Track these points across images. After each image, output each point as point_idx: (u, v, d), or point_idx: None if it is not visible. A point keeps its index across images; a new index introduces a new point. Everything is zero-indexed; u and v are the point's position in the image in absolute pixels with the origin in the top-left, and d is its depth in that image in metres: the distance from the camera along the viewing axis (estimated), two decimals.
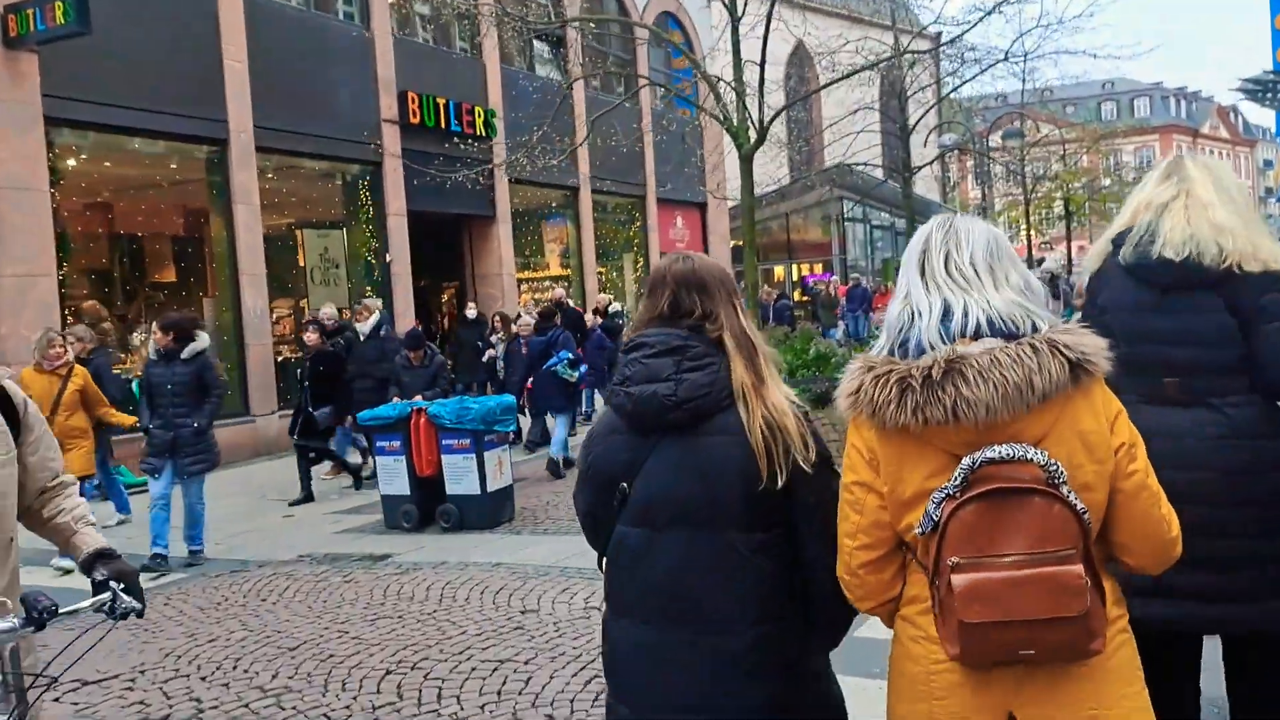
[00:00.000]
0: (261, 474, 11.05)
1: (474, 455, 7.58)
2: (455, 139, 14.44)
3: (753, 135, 9.75)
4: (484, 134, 15.86)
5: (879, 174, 18.53)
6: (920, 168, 17.00)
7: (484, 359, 12.42)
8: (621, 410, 1.98)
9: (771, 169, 16.82)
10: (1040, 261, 25.21)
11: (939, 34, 17.52)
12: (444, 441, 7.67)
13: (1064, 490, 1.64)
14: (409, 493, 7.76)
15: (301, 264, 13.55)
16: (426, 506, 7.75)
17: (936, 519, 1.66)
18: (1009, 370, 1.65)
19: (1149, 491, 1.73)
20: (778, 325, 15.81)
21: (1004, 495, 1.64)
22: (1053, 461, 1.65)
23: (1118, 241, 2.50)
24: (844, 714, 2.04)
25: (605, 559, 2.04)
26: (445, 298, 18.56)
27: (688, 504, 1.90)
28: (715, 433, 1.89)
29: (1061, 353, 1.67)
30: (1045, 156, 29.79)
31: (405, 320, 14.28)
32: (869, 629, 2.28)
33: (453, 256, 17.12)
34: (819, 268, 32.61)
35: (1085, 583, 1.62)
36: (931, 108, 17.07)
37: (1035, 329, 1.72)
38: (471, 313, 13.76)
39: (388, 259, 14.39)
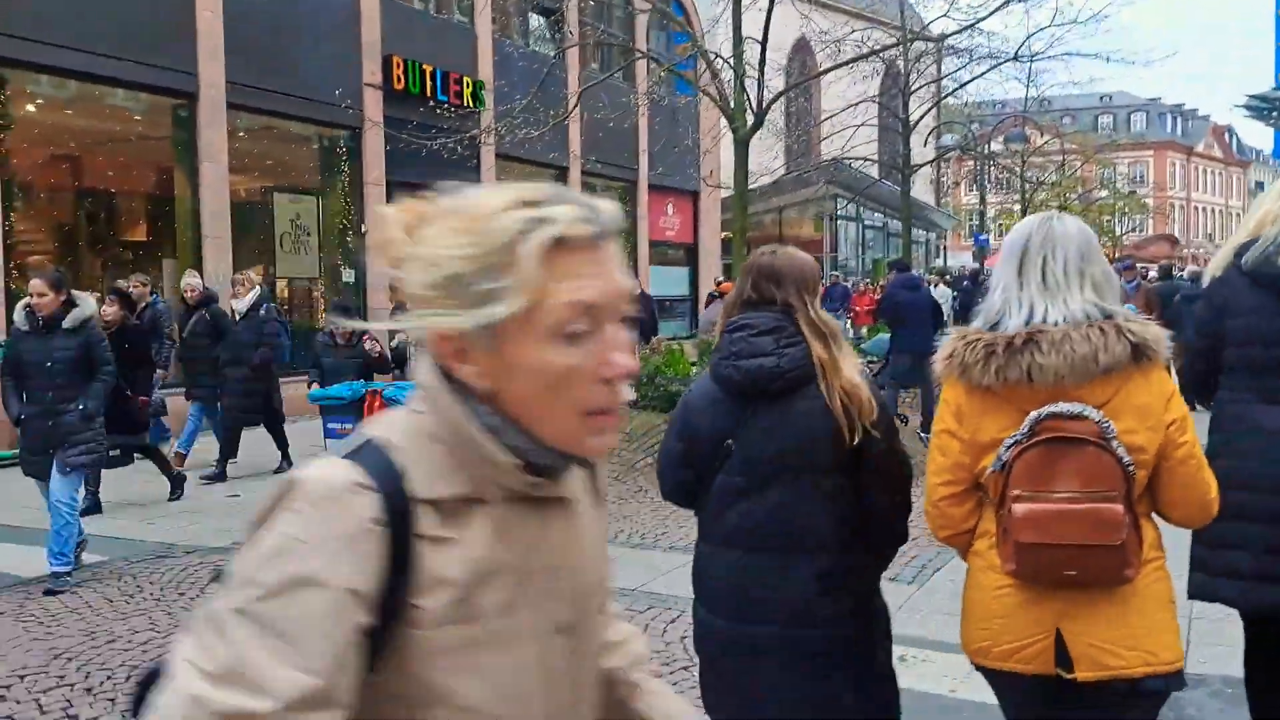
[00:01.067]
0: (216, 449, 10.45)
1: None
2: (441, 109, 13.83)
3: (750, 119, 9.21)
4: (472, 106, 15.25)
5: (875, 172, 17.99)
6: (920, 166, 16.49)
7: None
8: (728, 380, 2.35)
9: (766, 160, 16.30)
10: None
11: (942, 33, 17.13)
12: None
13: (1113, 444, 1.98)
14: None
15: (271, 230, 12.91)
16: None
17: (1005, 459, 2.03)
18: (1078, 345, 2.01)
19: (1195, 460, 2.06)
20: None
21: (1062, 443, 1.99)
22: (1106, 420, 1.99)
23: (1240, 251, 2.71)
24: (889, 623, 2.45)
25: (705, 502, 2.43)
26: None
27: (783, 457, 2.30)
28: (805, 399, 2.27)
29: (1125, 336, 2.01)
30: (1043, 165, 29.43)
31: (376, 296, 13.70)
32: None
33: None
34: None
35: (1124, 520, 1.96)
36: (933, 105, 16.56)
37: (1108, 317, 2.07)
38: None
39: (364, 230, 13.77)
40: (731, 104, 9.07)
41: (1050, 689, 2.11)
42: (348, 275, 13.67)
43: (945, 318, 19.64)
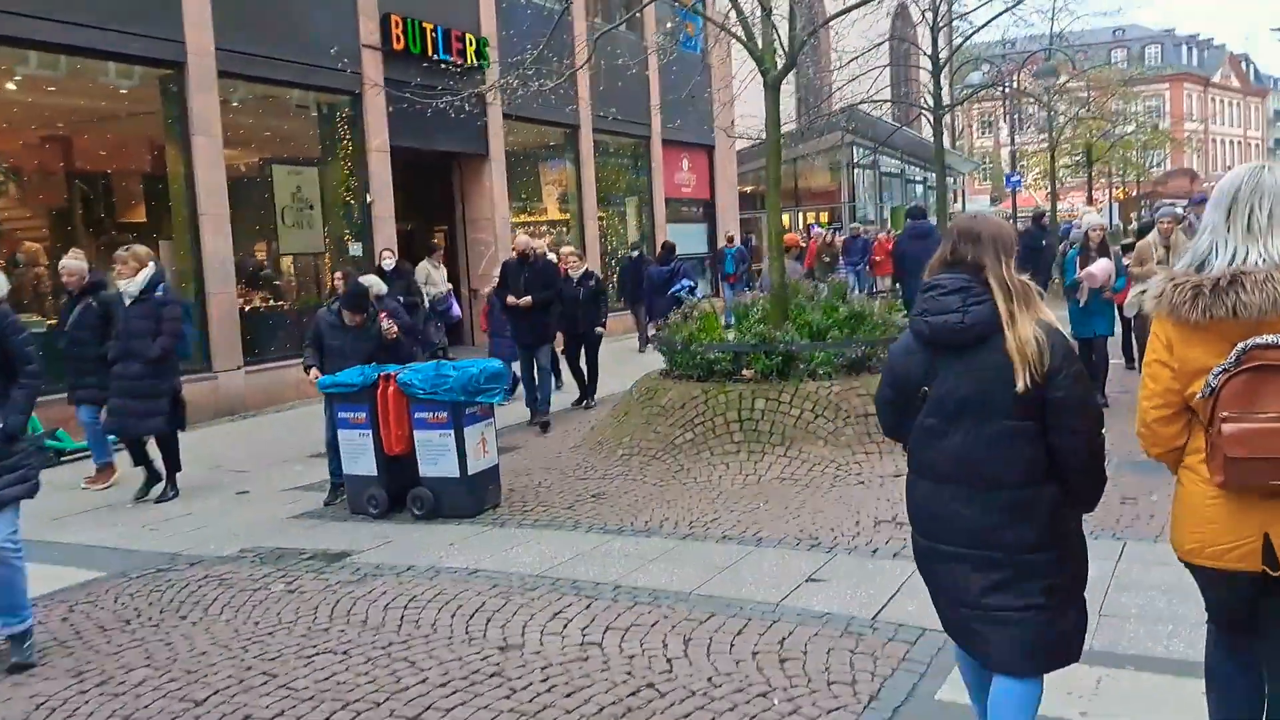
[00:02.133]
0: (220, 440, 9.90)
1: (452, 431, 6.41)
2: (444, 69, 13.05)
3: (780, 60, 8.44)
4: (476, 64, 14.46)
5: (889, 116, 17.07)
6: (952, 106, 15.61)
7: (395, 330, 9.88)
8: (920, 334, 2.73)
9: (783, 108, 15.48)
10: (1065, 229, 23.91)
11: None
12: (417, 415, 6.49)
13: None
14: (376, 474, 6.59)
15: (272, 204, 12.23)
16: (396, 490, 6.60)
17: (1214, 385, 2.29)
18: (1279, 285, 2.25)
19: None
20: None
21: (1267, 370, 2.24)
22: None
23: None
24: (1086, 558, 2.78)
25: (909, 439, 2.81)
26: (436, 241, 17.23)
27: (969, 400, 2.64)
28: (989, 350, 2.62)
29: None
30: (1067, 103, 28.33)
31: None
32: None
33: (441, 198, 15.79)
34: (825, 216, 31.26)
35: None
36: (963, 42, 15.61)
37: None
38: (389, 262, 11.74)
39: (368, 199, 13.08)
40: (760, 43, 8.29)
41: (1257, 582, 2.40)
42: (355, 248, 13.00)
43: None
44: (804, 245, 18.28)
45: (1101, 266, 8.53)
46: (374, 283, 7.46)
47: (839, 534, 5.66)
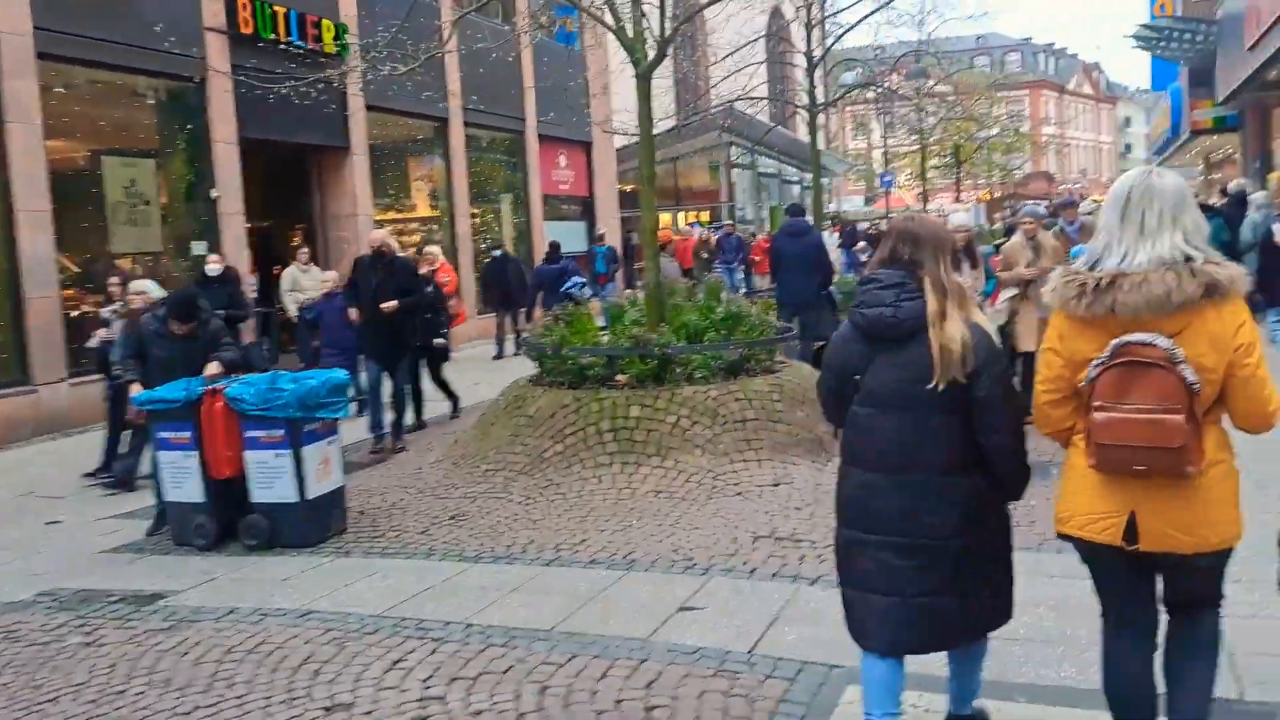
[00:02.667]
0: (41, 460, 8.90)
1: (289, 451, 5.74)
2: (299, 56, 12.19)
3: (651, 50, 8.02)
4: (334, 52, 13.59)
5: (766, 115, 16.96)
6: (826, 105, 15.55)
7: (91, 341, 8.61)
8: (858, 326, 2.88)
9: (662, 103, 15.14)
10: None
11: None
12: (248, 433, 5.80)
13: (1180, 368, 2.38)
14: (202, 500, 5.87)
15: (102, 199, 11.15)
16: (227, 518, 5.89)
17: (1092, 376, 2.48)
18: (1155, 286, 2.41)
19: (1257, 378, 2.43)
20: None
21: (1136, 365, 2.42)
22: (1175, 347, 2.40)
23: None
24: (1011, 543, 2.99)
25: (842, 427, 2.97)
26: (296, 242, 16.22)
27: (899, 391, 2.79)
28: (919, 345, 2.75)
29: (1196, 276, 2.40)
30: (937, 106, 28.97)
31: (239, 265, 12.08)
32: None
33: (299, 194, 14.84)
34: (706, 215, 31.24)
35: (1185, 428, 2.37)
36: (835, 42, 15.57)
37: (1190, 259, 2.44)
38: (213, 268, 9.75)
39: (213, 195, 12.10)
40: (630, 32, 7.86)
41: (1125, 562, 2.59)
42: (198, 247, 12.00)
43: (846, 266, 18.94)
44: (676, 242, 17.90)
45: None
46: (146, 288, 6.82)
47: (715, 553, 5.25)
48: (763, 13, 15.22)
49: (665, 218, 32.66)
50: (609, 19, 8.01)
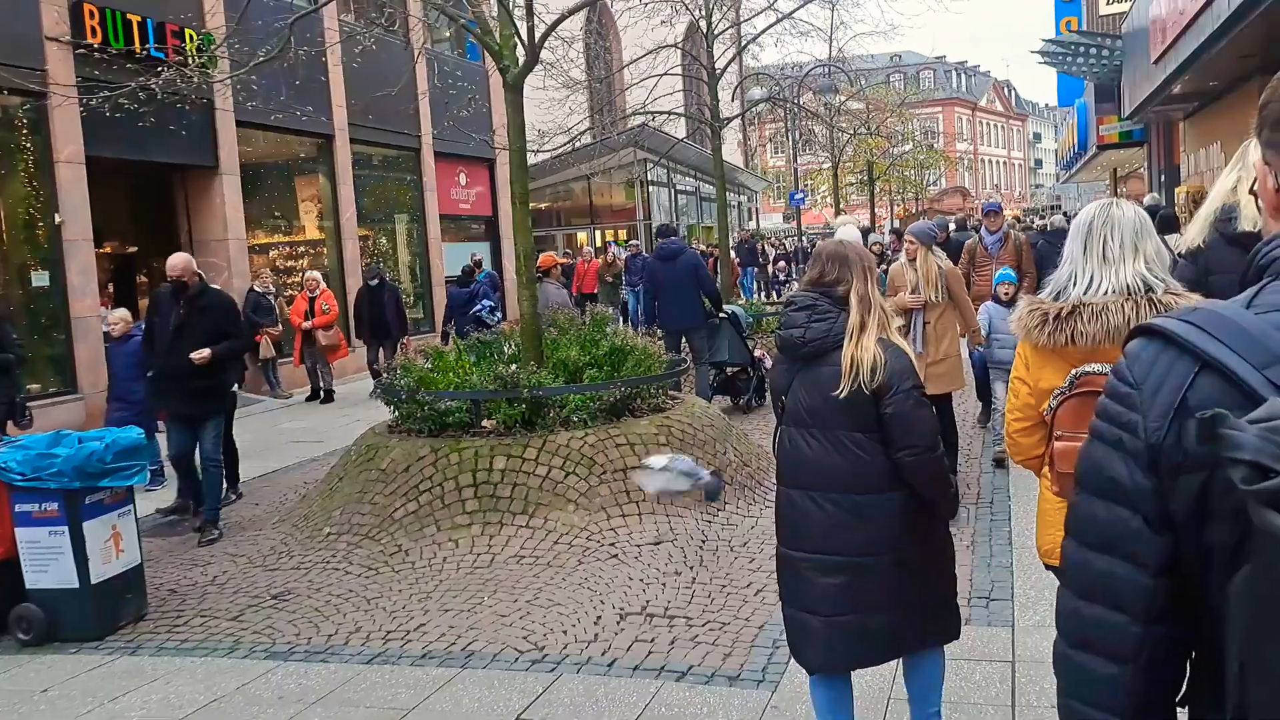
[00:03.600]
0: None
1: (66, 528, 4.79)
2: (159, 69, 11.13)
3: (521, 56, 7.24)
4: (199, 65, 12.55)
5: (682, 128, 16.37)
6: (730, 120, 14.97)
7: None
8: (779, 346, 3.05)
9: (562, 117, 14.40)
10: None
11: None
12: (19, 507, 4.83)
13: None
14: None
15: None
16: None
17: (1054, 406, 2.48)
18: (1113, 316, 2.47)
19: None
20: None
21: (1094, 395, 2.25)
22: None
23: (1221, 217, 3.26)
24: (952, 560, 3.06)
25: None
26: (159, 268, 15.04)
27: (814, 410, 2.89)
28: (829, 364, 2.85)
29: (1155, 306, 2.45)
30: (850, 123, 28.80)
31: (80, 304, 10.95)
32: None
33: (164, 218, 13.69)
34: (623, 234, 30.60)
35: None
36: (737, 53, 15.01)
37: (1150, 289, 2.50)
38: None
39: (57, 220, 10.95)
40: (498, 37, 7.08)
41: None
42: (39, 277, 10.84)
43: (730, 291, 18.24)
44: (562, 264, 16.77)
45: None
46: None
47: (572, 639, 4.45)
48: (665, 23, 14.55)
49: (582, 236, 32.06)
50: (473, 20, 7.22)
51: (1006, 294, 7.00)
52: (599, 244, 29.76)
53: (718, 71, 13.33)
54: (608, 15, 26.71)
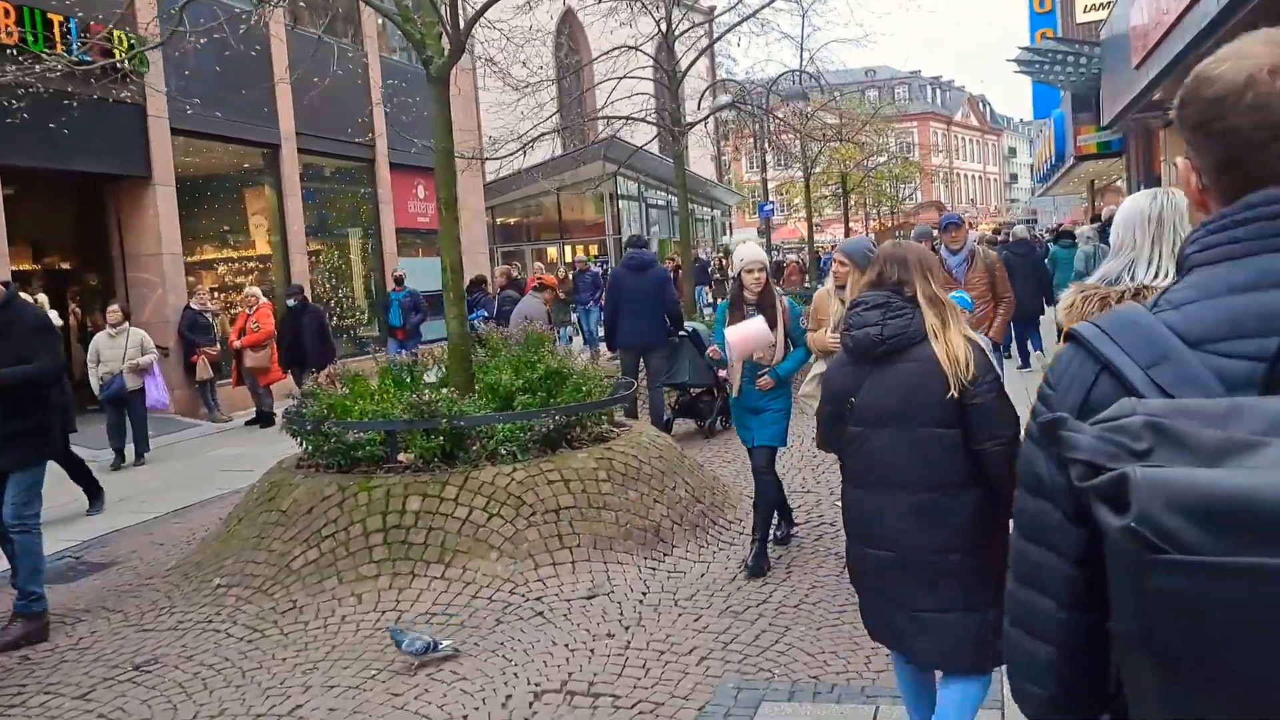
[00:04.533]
0: None
1: None
2: (84, 71, 10.34)
3: (446, 46, 6.53)
4: (129, 67, 11.79)
5: (652, 137, 15.71)
6: (692, 125, 14.31)
7: None
8: (847, 347, 2.97)
9: (513, 122, 13.69)
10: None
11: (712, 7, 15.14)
12: None
13: None
14: None
15: None
16: None
17: None
18: None
19: None
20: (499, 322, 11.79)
21: None
22: None
23: None
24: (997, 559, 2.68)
25: (841, 448, 3.02)
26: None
27: (889, 409, 2.83)
28: (906, 361, 2.82)
29: None
30: (822, 133, 28.25)
31: None
32: None
33: (93, 233, 12.87)
34: (594, 249, 29.95)
35: None
36: (699, 56, 14.37)
37: None
38: None
39: None
40: (420, 24, 6.37)
41: None
42: None
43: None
44: (516, 279, 15.79)
45: (750, 331, 5.13)
46: None
47: None
48: (625, 24, 13.90)
49: (551, 252, 31.35)
50: (393, 10, 6.50)
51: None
52: (569, 259, 29.08)
53: (679, 74, 12.67)
54: (575, 20, 26.18)
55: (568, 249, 30.94)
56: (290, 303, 12.00)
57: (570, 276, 19.33)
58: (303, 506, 5.58)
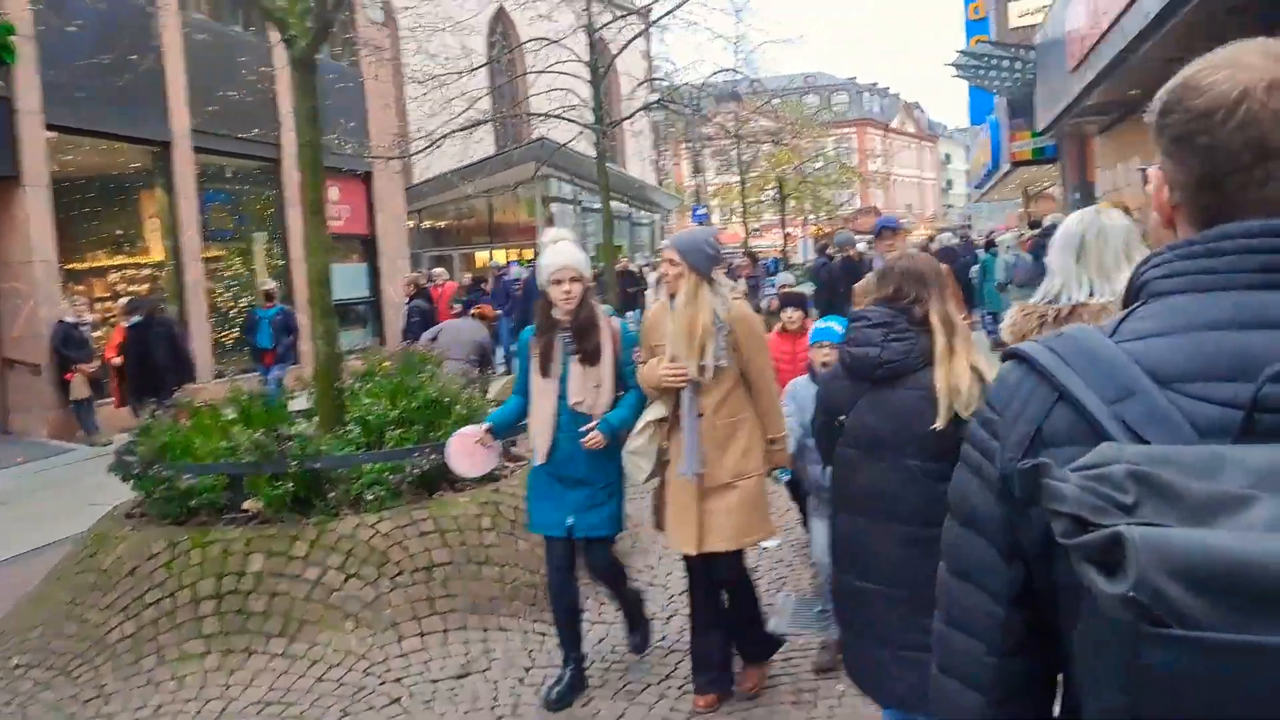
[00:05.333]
0: None
1: None
2: None
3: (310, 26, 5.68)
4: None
5: (574, 137, 14.93)
6: (615, 123, 13.61)
7: None
8: (844, 363, 2.87)
9: (421, 118, 12.83)
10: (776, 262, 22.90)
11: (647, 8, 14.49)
12: None
13: None
14: None
15: None
16: None
17: None
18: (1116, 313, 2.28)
19: None
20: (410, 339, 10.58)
21: None
22: None
23: None
24: None
25: (830, 467, 2.97)
26: None
27: (883, 436, 2.71)
28: (905, 388, 2.70)
29: None
30: (759, 140, 27.79)
31: None
32: None
33: None
34: (529, 253, 29.09)
35: None
36: (624, 47, 13.66)
37: None
38: None
39: None
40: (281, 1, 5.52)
41: None
42: None
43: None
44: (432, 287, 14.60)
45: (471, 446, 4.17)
46: None
47: None
48: (541, 17, 13.12)
49: (482, 256, 30.38)
50: None
51: (827, 363, 3.84)
52: (502, 263, 28.17)
53: (602, 70, 11.94)
54: (506, 15, 25.34)
55: (499, 253, 30.05)
56: (134, 319, 10.40)
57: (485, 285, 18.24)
58: (125, 566, 4.70)
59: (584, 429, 3.76)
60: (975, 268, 14.76)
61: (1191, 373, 0.91)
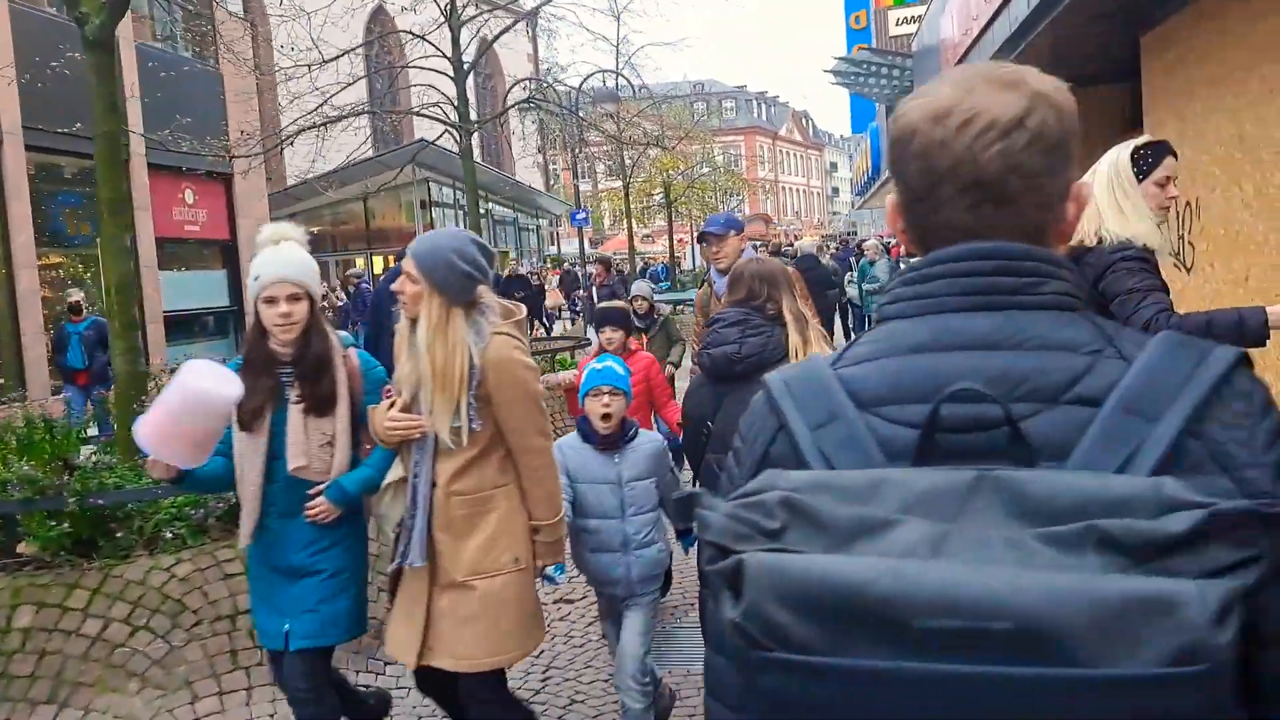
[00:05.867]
0: None
1: None
2: None
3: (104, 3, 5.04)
4: None
5: (440, 135, 14.29)
6: (483, 121, 13.08)
7: None
8: (704, 367, 2.90)
9: (240, 113, 12.08)
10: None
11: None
12: None
13: None
14: None
15: None
16: None
17: None
18: None
19: None
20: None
21: None
22: None
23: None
24: None
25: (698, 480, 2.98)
26: None
27: None
28: None
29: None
30: (639, 145, 27.55)
31: None
32: None
33: None
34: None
35: None
36: (490, 43, 13.16)
37: None
38: None
39: None
40: None
41: None
42: None
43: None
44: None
45: (178, 405, 2.70)
46: None
47: None
48: (406, 10, 12.51)
49: (360, 262, 29.30)
50: None
51: (609, 415, 3.27)
52: (377, 271, 27.20)
53: (465, 66, 11.42)
54: (384, 12, 24.44)
55: (377, 259, 29.07)
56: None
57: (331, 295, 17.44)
58: None
59: (310, 492, 2.86)
60: (851, 274, 14.87)
61: (888, 395, 0.92)
